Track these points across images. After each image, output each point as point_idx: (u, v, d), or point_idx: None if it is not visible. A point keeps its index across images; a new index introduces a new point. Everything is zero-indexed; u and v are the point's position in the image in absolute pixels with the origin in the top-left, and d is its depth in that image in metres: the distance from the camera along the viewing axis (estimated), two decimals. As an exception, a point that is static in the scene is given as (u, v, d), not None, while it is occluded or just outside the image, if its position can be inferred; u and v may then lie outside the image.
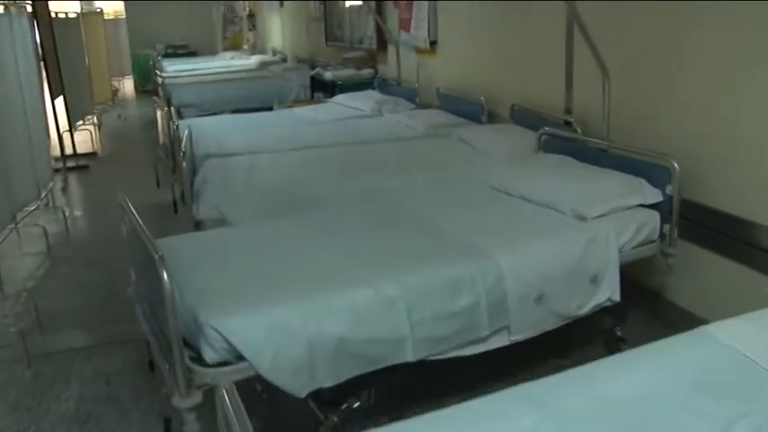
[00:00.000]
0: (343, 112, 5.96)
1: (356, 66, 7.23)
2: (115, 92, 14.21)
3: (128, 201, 2.51)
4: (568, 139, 3.81)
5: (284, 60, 11.00)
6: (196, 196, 3.59)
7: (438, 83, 5.78)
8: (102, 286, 4.22)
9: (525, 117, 4.51)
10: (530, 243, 2.69)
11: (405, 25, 6.28)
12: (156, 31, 15.16)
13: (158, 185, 5.72)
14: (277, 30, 12.32)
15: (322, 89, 7.80)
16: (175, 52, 15.23)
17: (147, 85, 14.78)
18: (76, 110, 8.87)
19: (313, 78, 7.80)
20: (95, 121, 9.99)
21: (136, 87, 15.12)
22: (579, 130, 3.90)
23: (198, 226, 3.46)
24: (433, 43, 5.88)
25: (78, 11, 9.80)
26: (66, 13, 8.71)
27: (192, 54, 15.24)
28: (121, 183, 6.87)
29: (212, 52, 15.24)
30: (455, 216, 2.98)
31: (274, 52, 12.50)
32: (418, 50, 6.16)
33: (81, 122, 9.36)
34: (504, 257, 2.52)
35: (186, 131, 4.09)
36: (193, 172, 4.06)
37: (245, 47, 15.50)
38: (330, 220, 2.97)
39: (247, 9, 14.33)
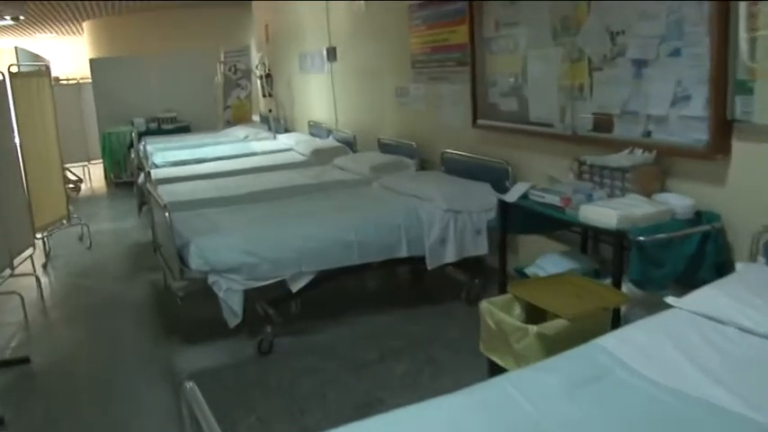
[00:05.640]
0: None
1: (640, 184, 3.06)
2: (77, 187, 9.90)
3: None
4: None
5: (350, 145, 6.79)
6: None
7: None
8: None
9: None
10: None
11: None
12: (132, 99, 10.94)
13: None
14: (321, 96, 8.16)
15: (526, 226, 3.60)
16: (160, 128, 10.98)
17: (123, 173, 10.51)
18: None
19: (505, 206, 3.57)
20: (34, 259, 5.64)
21: (107, 177, 10.78)
22: None
23: None
24: None
25: (8, 69, 5.54)
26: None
27: (184, 129, 11.02)
28: None
29: (210, 126, 11.06)
30: None
31: (314, 129, 8.33)
32: None
33: (9, 271, 5.07)
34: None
35: None
36: None
37: (256, 118, 11.39)
38: None
39: (265, 67, 10.20)
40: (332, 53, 7.54)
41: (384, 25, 6.07)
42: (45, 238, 6.23)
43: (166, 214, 3.53)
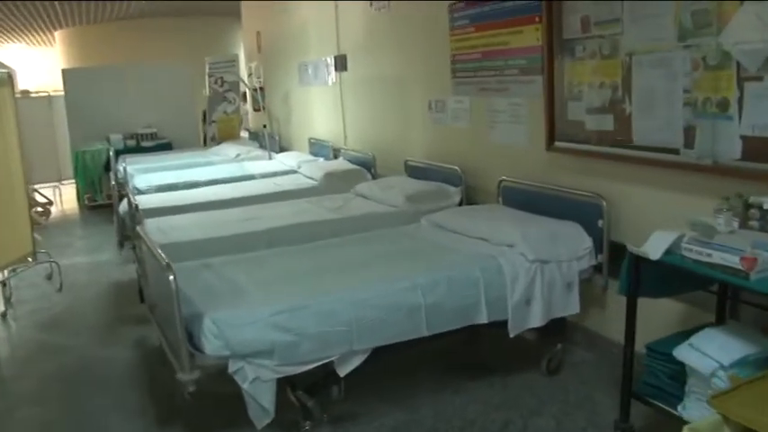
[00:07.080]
0: None
1: None
2: (46, 211, 8.78)
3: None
4: None
5: (367, 168, 5.83)
6: None
7: None
8: None
9: None
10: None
11: None
12: (108, 113, 9.86)
13: None
14: (326, 110, 7.21)
15: (660, 288, 2.67)
16: (138, 145, 9.93)
17: (98, 195, 9.43)
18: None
19: (637, 262, 2.62)
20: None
21: (80, 199, 9.68)
22: None
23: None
24: None
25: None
26: None
27: (165, 147, 9.98)
28: None
29: (192, 144, 10.10)
30: None
31: (315, 148, 7.36)
32: None
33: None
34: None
35: None
36: None
37: (245, 134, 10.43)
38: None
39: (260, 79, 9.23)
40: (341, 62, 6.60)
41: (412, 28, 5.14)
42: (5, 281, 5.17)
43: (170, 278, 2.52)
